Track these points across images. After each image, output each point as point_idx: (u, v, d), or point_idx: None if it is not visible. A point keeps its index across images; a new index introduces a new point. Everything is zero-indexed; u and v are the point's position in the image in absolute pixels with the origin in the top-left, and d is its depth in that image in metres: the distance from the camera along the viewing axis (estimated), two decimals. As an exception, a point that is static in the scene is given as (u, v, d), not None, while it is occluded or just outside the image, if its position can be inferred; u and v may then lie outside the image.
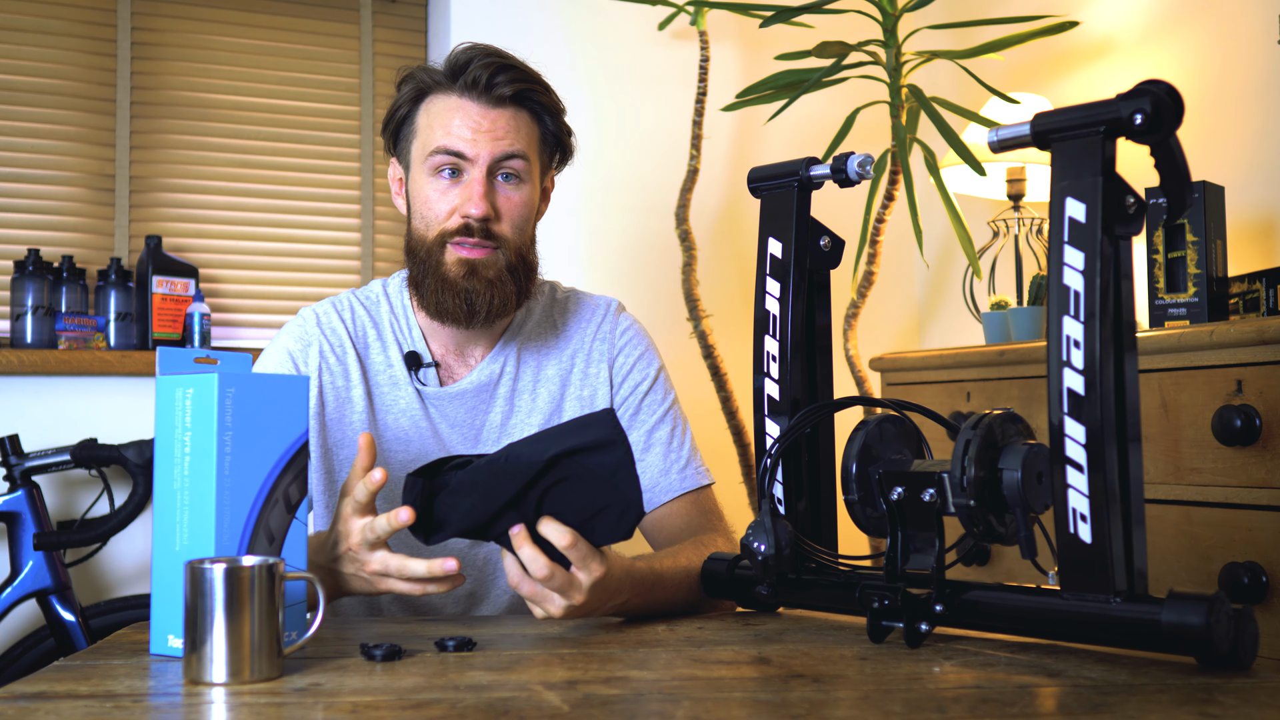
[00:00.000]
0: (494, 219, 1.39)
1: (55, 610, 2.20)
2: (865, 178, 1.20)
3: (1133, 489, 0.94)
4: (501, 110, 1.40)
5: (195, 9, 2.68)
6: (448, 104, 1.40)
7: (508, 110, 1.40)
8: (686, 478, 1.47)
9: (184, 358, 1.07)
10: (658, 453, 1.48)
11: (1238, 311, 1.79)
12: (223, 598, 0.90)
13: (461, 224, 1.38)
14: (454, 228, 1.39)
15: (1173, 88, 0.94)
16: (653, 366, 1.54)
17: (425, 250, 1.41)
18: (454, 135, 1.38)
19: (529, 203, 1.43)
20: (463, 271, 1.39)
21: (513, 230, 1.41)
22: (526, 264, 1.44)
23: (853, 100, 2.43)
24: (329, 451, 1.43)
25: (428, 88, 1.42)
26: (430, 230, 1.41)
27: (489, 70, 1.38)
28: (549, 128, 1.47)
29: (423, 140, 1.42)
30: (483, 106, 1.39)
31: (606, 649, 1.04)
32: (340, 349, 1.46)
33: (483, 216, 1.38)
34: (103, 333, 2.47)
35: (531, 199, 1.44)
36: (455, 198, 1.39)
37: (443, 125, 1.39)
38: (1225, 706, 0.81)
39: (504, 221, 1.41)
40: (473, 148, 1.38)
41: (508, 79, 1.39)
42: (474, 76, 1.38)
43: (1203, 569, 1.60)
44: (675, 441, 1.50)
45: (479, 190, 1.38)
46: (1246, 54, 2.11)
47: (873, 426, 1.12)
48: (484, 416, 1.47)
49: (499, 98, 1.39)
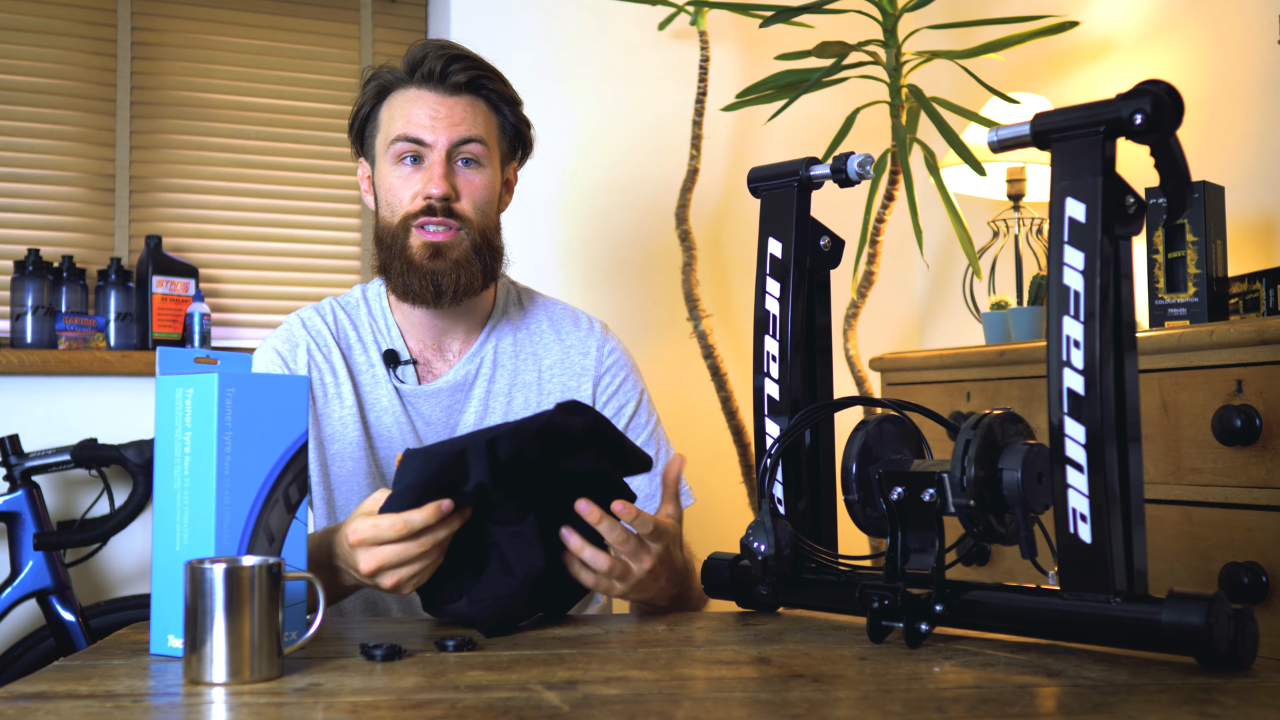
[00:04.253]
0: (455, 198, 1.45)
1: (55, 610, 2.20)
2: (865, 178, 1.21)
3: (1133, 489, 0.94)
4: (458, 98, 1.47)
5: (195, 9, 2.68)
6: (406, 97, 1.47)
7: (464, 98, 1.47)
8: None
9: (184, 358, 1.07)
10: (643, 476, 1.50)
11: (1238, 311, 1.79)
12: (223, 598, 0.90)
13: (424, 205, 1.45)
14: (417, 209, 1.45)
15: (1173, 88, 0.94)
16: (637, 390, 1.59)
17: (391, 235, 1.47)
18: (413, 123, 1.45)
19: (490, 185, 1.49)
20: (428, 253, 1.45)
21: (475, 211, 1.47)
22: (491, 247, 1.49)
23: (853, 100, 2.43)
24: (321, 446, 1.47)
25: (389, 85, 1.50)
26: (395, 216, 1.47)
27: (443, 61, 1.45)
28: (507, 118, 1.53)
29: (385, 133, 1.48)
30: (440, 95, 1.46)
31: (606, 649, 1.04)
32: (326, 349, 1.50)
33: (443, 195, 1.44)
34: (103, 333, 2.47)
35: (492, 183, 1.50)
36: (417, 182, 1.46)
37: (403, 116, 1.46)
38: (1225, 706, 0.81)
39: (465, 201, 1.46)
40: (431, 134, 1.45)
41: (461, 68, 1.46)
42: (429, 68, 1.46)
43: (1203, 569, 1.60)
44: (659, 465, 1.55)
45: (439, 171, 1.44)
46: (1246, 54, 2.11)
47: (873, 426, 1.12)
48: (459, 415, 1.51)
49: (454, 85, 1.46)
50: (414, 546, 1.08)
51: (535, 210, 2.67)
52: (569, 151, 2.73)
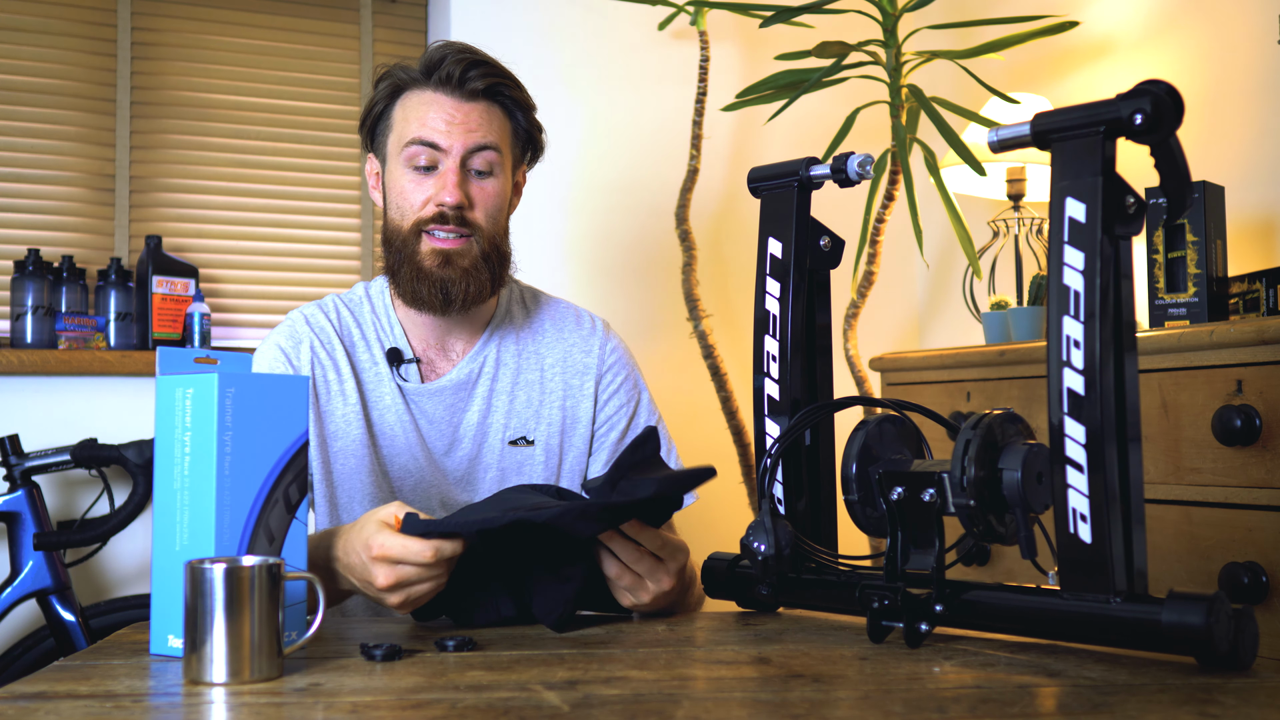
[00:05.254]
0: (468, 207, 1.44)
1: (55, 610, 2.20)
2: (865, 178, 1.21)
3: (1133, 489, 0.94)
4: (474, 104, 1.45)
5: (195, 9, 2.68)
6: (422, 99, 1.46)
7: (480, 104, 1.45)
8: None
9: (184, 358, 1.07)
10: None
11: (1238, 311, 1.79)
12: (223, 598, 0.90)
13: (436, 212, 1.44)
14: (429, 216, 1.44)
15: (1173, 88, 0.94)
16: (639, 389, 1.59)
17: (401, 239, 1.46)
18: (429, 127, 1.44)
19: (501, 193, 1.48)
20: (438, 261, 1.44)
21: (486, 219, 1.46)
22: (500, 253, 1.49)
23: (853, 100, 2.43)
24: (324, 443, 1.46)
25: (404, 84, 1.48)
26: (405, 220, 1.46)
27: (462, 65, 1.43)
28: (520, 123, 1.52)
29: (398, 134, 1.47)
30: (456, 100, 1.44)
31: (606, 649, 1.04)
32: (329, 345, 1.49)
33: (456, 204, 1.43)
34: (103, 333, 2.47)
35: (504, 190, 1.49)
36: (430, 188, 1.44)
37: (418, 118, 1.45)
38: (1225, 706, 0.81)
39: (477, 210, 1.45)
40: (446, 139, 1.43)
41: (480, 74, 1.44)
42: (448, 72, 1.44)
43: (1203, 569, 1.60)
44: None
45: (453, 180, 1.43)
46: (1246, 54, 2.11)
47: (873, 426, 1.12)
48: (461, 415, 1.50)
49: (471, 91, 1.44)
50: (436, 570, 1.09)
51: (535, 210, 2.67)
52: (569, 151, 2.73)
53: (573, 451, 1.53)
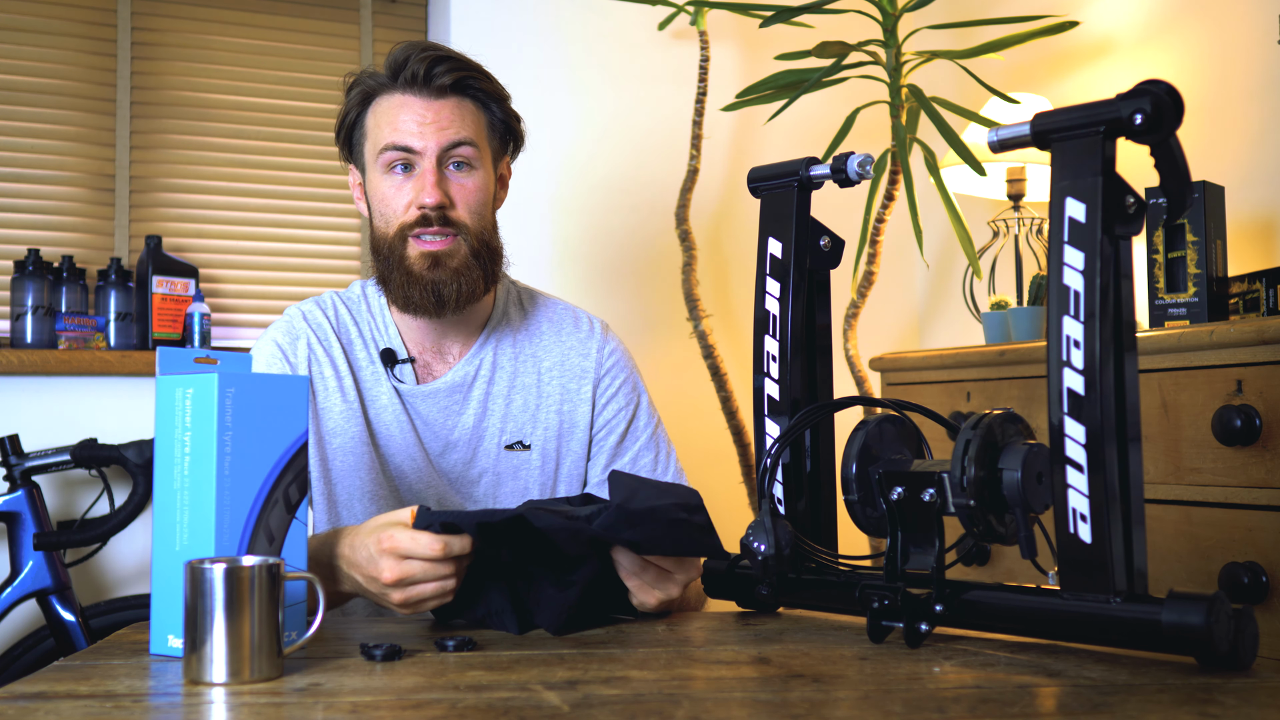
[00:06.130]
0: (449, 206, 1.43)
1: (55, 610, 2.20)
2: (865, 178, 1.21)
3: (1133, 489, 0.94)
4: (444, 101, 1.43)
5: (195, 9, 2.68)
6: (392, 102, 1.44)
7: (450, 100, 1.44)
8: None
9: (184, 358, 1.07)
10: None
11: (1238, 311, 1.79)
12: (223, 598, 0.90)
13: (419, 215, 1.42)
14: (412, 220, 1.43)
15: (1173, 88, 0.94)
16: (638, 392, 1.58)
17: (388, 246, 1.45)
18: (401, 130, 1.42)
19: (484, 188, 1.47)
20: (427, 264, 1.43)
21: (470, 216, 1.45)
22: (490, 249, 1.48)
23: (853, 100, 2.43)
24: (322, 441, 1.45)
25: (373, 90, 1.46)
26: (390, 227, 1.45)
27: (426, 63, 1.42)
28: (496, 115, 1.50)
29: (373, 140, 1.46)
30: (425, 99, 1.43)
31: (606, 649, 1.04)
32: (326, 342, 1.49)
33: (437, 204, 1.41)
34: (103, 333, 2.47)
35: (486, 184, 1.47)
36: (410, 191, 1.43)
37: (389, 123, 1.43)
38: (1225, 706, 0.81)
39: (460, 208, 1.44)
40: (420, 140, 1.42)
41: (445, 69, 1.43)
42: (413, 71, 1.42)
43: (1203, 569, 1.60)
44: (660, 468, 1.55)
45: (431, 180, 1.42)
46: (1246, 54, 2.11)
47: (873, 426, 1.12)
48: (456, 417, 1.50)
49: (439, 88, 1.43)
50: (443, 568, 1.09)
51: (535, 210, 2.67)
52: (569, 151, 2.73)
53: (570, 456, 1.52)
